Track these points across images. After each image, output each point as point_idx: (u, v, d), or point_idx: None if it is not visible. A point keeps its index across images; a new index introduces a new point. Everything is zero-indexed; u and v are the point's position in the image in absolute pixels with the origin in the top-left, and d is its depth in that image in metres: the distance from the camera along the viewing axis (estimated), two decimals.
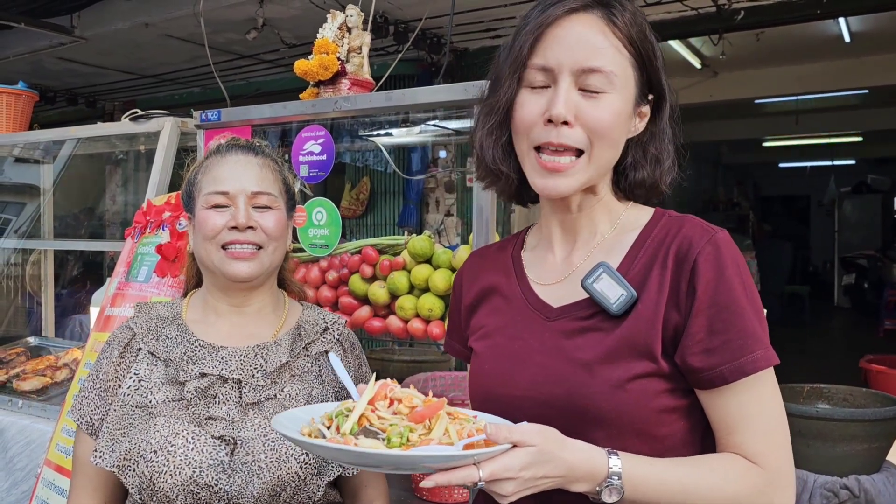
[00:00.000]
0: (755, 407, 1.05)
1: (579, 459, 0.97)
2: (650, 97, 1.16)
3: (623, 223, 1.19)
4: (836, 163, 13.48)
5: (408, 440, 0.97)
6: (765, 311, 1.10)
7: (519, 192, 1.25)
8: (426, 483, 0.93)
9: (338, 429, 1.02)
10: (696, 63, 6.36)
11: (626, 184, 1.20)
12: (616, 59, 1.10)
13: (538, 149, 1.12)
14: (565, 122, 1.08)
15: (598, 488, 0.99)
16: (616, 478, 0.98)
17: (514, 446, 0.94)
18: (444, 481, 0.92)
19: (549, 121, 1.09)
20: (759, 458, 1.04)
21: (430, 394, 1.06)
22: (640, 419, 1.06)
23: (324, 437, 1.03)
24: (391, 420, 1.01)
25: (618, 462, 0.99)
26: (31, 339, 3.53)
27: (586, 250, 1.19)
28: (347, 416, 1.02)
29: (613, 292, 1.09)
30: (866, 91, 7.31)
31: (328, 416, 1.06)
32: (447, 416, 1.01)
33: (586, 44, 1.09)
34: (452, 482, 0.92)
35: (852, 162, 13.63)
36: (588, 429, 1.06)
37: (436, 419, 0.99)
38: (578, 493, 1.01)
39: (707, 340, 1.04)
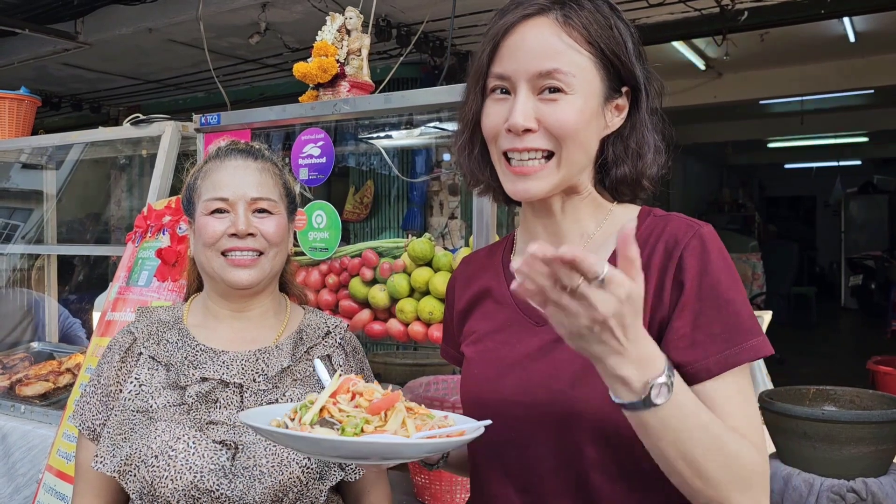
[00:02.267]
0: (735, 398, 1.02)
1: (643, 336, 0.89)
2: (625, 90, 1.14)
3: (609, 223, 1.18)
4: (842, 163, 13.44)
5: (362, 430, 0.99)
6: (770, 312, 1.09)
7: (506, 197, 1.23)
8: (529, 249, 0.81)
9: (300, 420, 1.04)
10: (700, 64, 6.34)
11: (610, 182, 1.18)
12: (574, 59, 1.07)
13: (506, 155, 1.11)
14: (527, 130, 1.07)
15: (648, 380, 0.89)
16: (666, 377, 0.90)
17: None
18: (568, 259, 0.80)
19: (510, 131, 1.08)
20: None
21: (417, 399, 1.07)
22: (625, 420, 1.05)
23: (287, 427, 1.05)
24: (351, 412, 1.03)
25: (670, 372, 0.91)
26: (35, 344, 3.54)
27: None
28: (310, 407, 1.05)
29: None
30: (872, 91, 7.28)
31: (293, 409, 1.09)
32: (406, 409, 1.04)
33: (540, 48, 1.07)
34: (578, 262, 0.80)
35: (858, 162, 13.60)
36: (573, 431, 1.05)
37: (392, 411, 1.02)
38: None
39: (692, 334, 1.02)
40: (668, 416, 0.91)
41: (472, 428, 1.06)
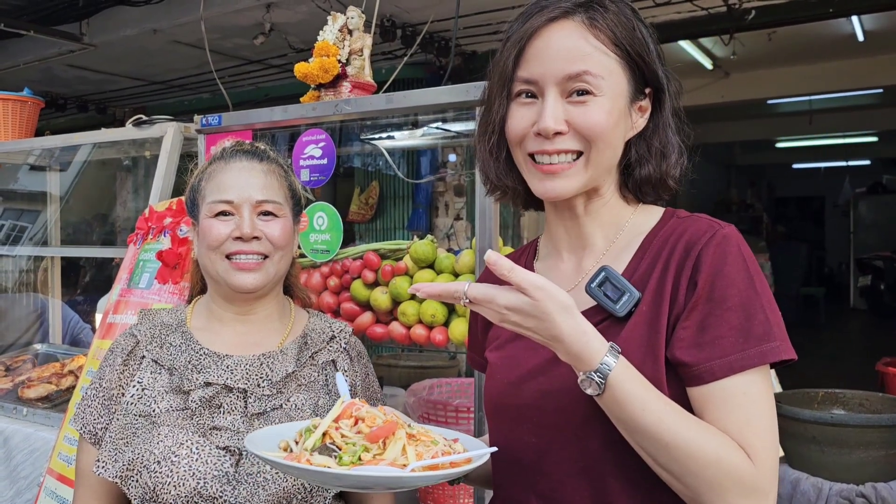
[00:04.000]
0: (737, 401, 1.01)
1: (573, 337, 0.95)
2: (648, 91, 1.15)
3: (632, 226, 1.18)
4: (851, 163, 13.38)
5: (359, 459, 1.00)
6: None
7: (528, 200, 1.25)
8: (411, 290, 1.01)
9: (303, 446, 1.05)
10: (708, 64, 6.31)
11: (633, 182, 1.18)
12: (601, 61, 1.08)
13: (532, 156, 1.12)
14: (557, 133, 1.08)
15: (578, 373, 0.97)
16: (598, 375, 0.95)
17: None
18: (434, 293, 1.00)
19: (539, 134, 1.09)
20: (745, 449, 0.99)
21: (420, 402, 1.06)
22: None
23: (292, 451, 1.06)
24: (353, 439, 1.04)
25: (612, 363, 0.96)
26: (39, 347, 3.53)
27: (595, 256, 1.18)
28: (313, 432, 1.06)
29: (616, 295, 1.07)
30: (881, 90, 7.24)
31: (299, 432, 1.10)
32: (408, 437, 1.04)
33: (568, 51, 1.07)
34: (442, 295, 0.99)
35: (867, 162, 13.53)
36: (593, 436, 1.05)
37: (390, 439, 1.02)
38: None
39: (698, 336, 1.02)
40: (609, 408, 0.98)
41: (478, 455, 1.06)
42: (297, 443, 1.09)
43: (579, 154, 1.10)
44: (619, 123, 1.10)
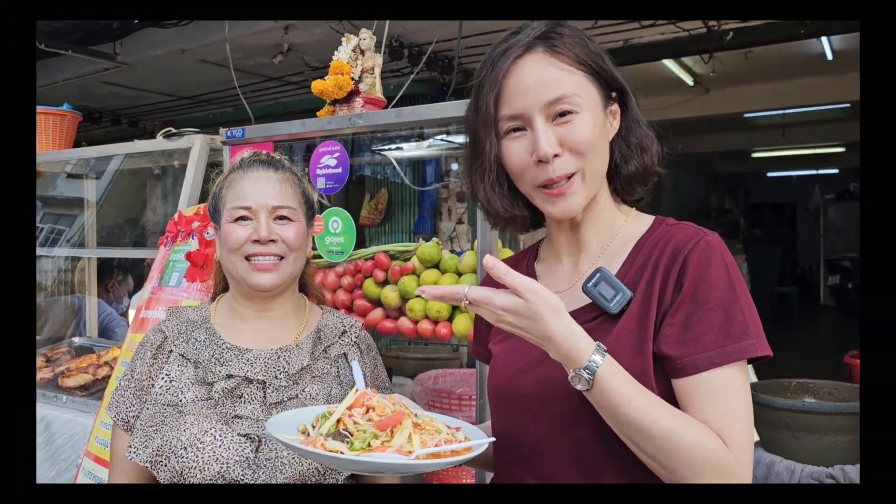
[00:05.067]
0: (717, 393, 1.02)
1: (562, 336, 0.96)
2: (614, 95, 1.16)
3: (625, 232, 1.19)
4: (821, 172, 13.35)
5: (369, 445, 1.01)
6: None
7: (532, 223, 1.26)
8: (417, 291, 1.03)
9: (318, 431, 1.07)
10: (689, 80, 6.31)
11: (622, 181, 1.19)
12: (572, 80, 1.09)
13: (541, 186, 1.12)
14: (556, 155, 1.08)
15: (568, 370, 0.98)
16: (587, 371, 0.96)
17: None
18: (438, 295, 1.01)
19: (540, 161, 1.09)
20: (723, 436, 1.00)
21: (426, 391, 1.06)
22: None
23: (309, 435, 1.08)
24: (364, 426, 1.05)
25: (599, 360, 0.97)
26: (76, 339, 3.54)
27: (591, 259, 1.19)
28: (328, 418, 1.08)
29: (610, 294, 1.08)
30: (848, 105, 7.21)
31: (316, 417, 1.12)
32: (413, 426, 1.05)
33: (542, 80, 1.08)
34: (445, 297, 1.01)
35: (836, 171, 13.51)
36: (584, 426, 1.06)
37: (398, 428, 1.03)
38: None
39: (682, 333, 1.03)
40: (597, 402, 0.99)
41: (478, 444, 1.07)
42: (313, 427, 1.10)
43: (573, 173, 1.10)
44: (601, 132, 1.12)
